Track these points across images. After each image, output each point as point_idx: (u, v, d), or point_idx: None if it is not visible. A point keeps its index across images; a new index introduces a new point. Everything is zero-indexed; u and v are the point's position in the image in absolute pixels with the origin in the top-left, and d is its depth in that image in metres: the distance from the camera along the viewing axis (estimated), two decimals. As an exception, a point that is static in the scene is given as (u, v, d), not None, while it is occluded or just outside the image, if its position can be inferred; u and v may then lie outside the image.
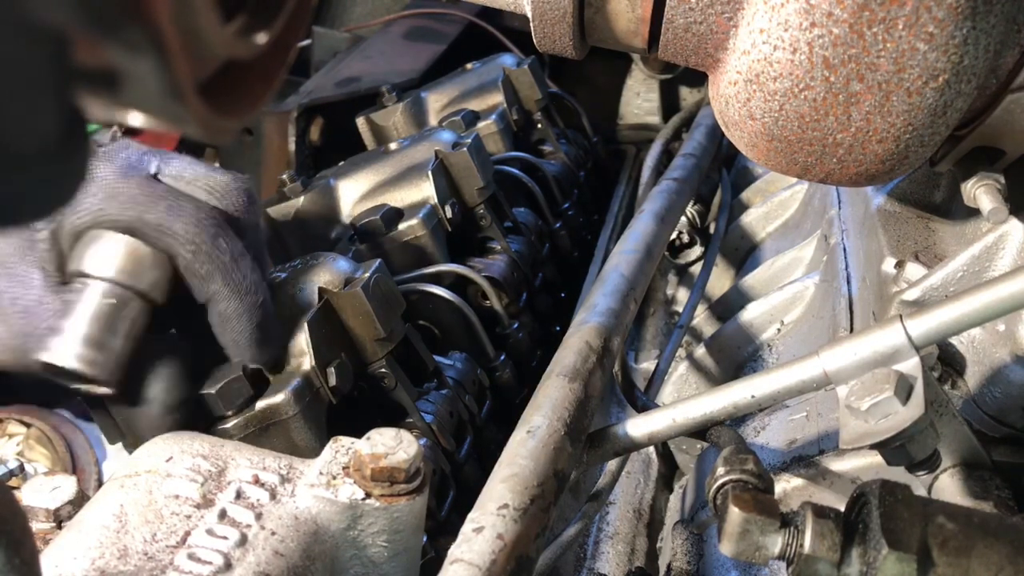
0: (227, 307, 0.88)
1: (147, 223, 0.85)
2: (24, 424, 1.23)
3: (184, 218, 0.86)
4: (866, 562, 0.62)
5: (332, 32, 2.18)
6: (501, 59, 1.71)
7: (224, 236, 0.88)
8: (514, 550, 0.68)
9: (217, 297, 0.88)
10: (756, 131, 0.80)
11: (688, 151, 1.59)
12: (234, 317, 0.89)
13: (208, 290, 0.88)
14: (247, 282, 0.89)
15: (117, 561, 0.65)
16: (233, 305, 0.88)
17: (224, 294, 0.88)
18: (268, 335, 0.92)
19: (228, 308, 0.89)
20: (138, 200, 0.85)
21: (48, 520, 0.79)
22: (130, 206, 0.85)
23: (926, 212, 1.09)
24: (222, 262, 0.87)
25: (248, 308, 0.89)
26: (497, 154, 1.54)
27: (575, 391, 0.87)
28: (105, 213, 0.85)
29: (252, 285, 0.89)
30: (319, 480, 0.72)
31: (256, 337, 0.90)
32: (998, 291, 0.74)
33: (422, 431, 1.05)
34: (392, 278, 1.07)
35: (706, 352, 1.36)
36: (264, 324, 0.91)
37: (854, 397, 0.76)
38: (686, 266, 1.75)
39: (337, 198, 1.36)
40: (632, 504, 1.31)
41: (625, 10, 0.81)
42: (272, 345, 0.93)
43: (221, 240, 0.87)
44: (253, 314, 0.89)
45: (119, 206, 0.85)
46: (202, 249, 0.86)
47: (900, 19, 0.69)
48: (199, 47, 0.37)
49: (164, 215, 0.85)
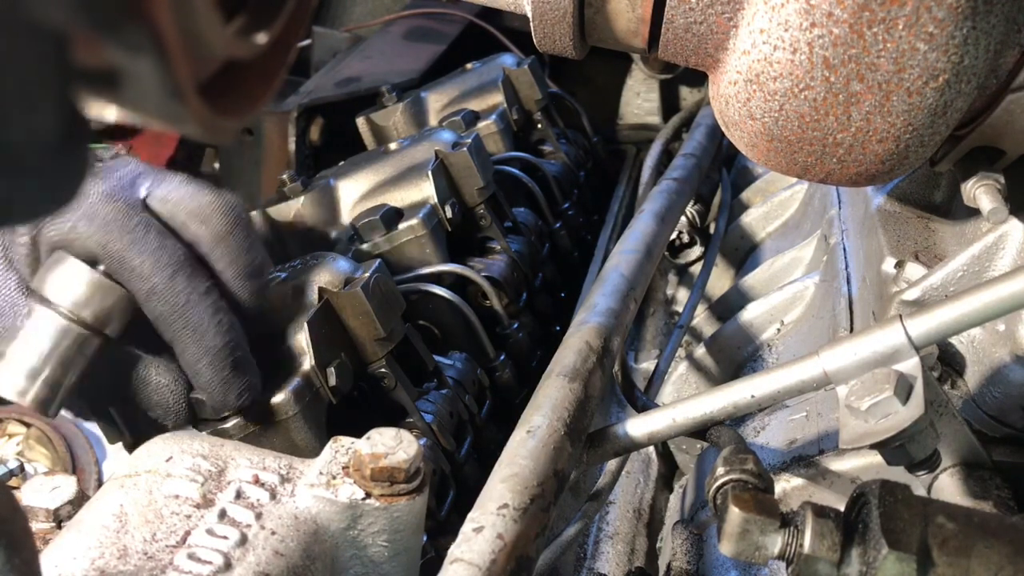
0: (185, 351, 0.85)
1: (109, 252, 0.82)
2: (24, 424, 1.23)
3: (144, 254, 0.82)
4: (866, 562, 0.62)
5: (332, 32, 2.18)
6: (501, 59, 1.71)
7: (182, 275, 0.84)
8: (514, 550, 0.68)
9: (175, 339, 0.85)
10: (756, 131, 0.80)
11: (688, 151, 1.59)
12: (193, 362, 0.85)
13: (167, 331, 0.85)
14: (204, 324, 0.84)
15: (117, 561, 0.65)
16: (191, 350, 0.85)
17: (181, 337, 0.84)
18: (236, 376, 0.87)
19: (187, 352, 0.85)
20: (109, 228, 0.82)
21: (48, 520, 0.79)
22: (99, 232, 0.82)
23: (926, 212, 1.09)
24: (176, 304, 0.83)
25: (207, 351, 0.85)
26: (497, 154, 1.54)
27: (575, 391, 0.87)
28: (75, 232, 0.82)
29: (213, 327, 0.85)
30: (319, 480, 0.72)
31: (221, 381, 0.86)
32: (998, 291, 0.74)
33: (422, 431, 1.05)
34: (392, 278, 1.07)
35: (706, 352, 1.36)
36: (230, 367, 0.86)
37: (854, 397, 0.76)
38: (686, 266, 1.75)
39: (337, 198, 1.36)
40: (632, 504, 1.31)
41: (625, 10, 0.81)
42: (243, 386, 0.88)
43: (178, 280, 0.83)
44: (215, 358, 0.85)
45: (90, 228, 0.82)
46: (156, 289, 0.83)
47: (900, 19, 0.69)
48: (199, 47, 0.37)
49: (127, 247, 0.82)
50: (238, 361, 0.87)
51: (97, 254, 0.83)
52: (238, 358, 0.87)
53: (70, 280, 0.81)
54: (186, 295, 0.84)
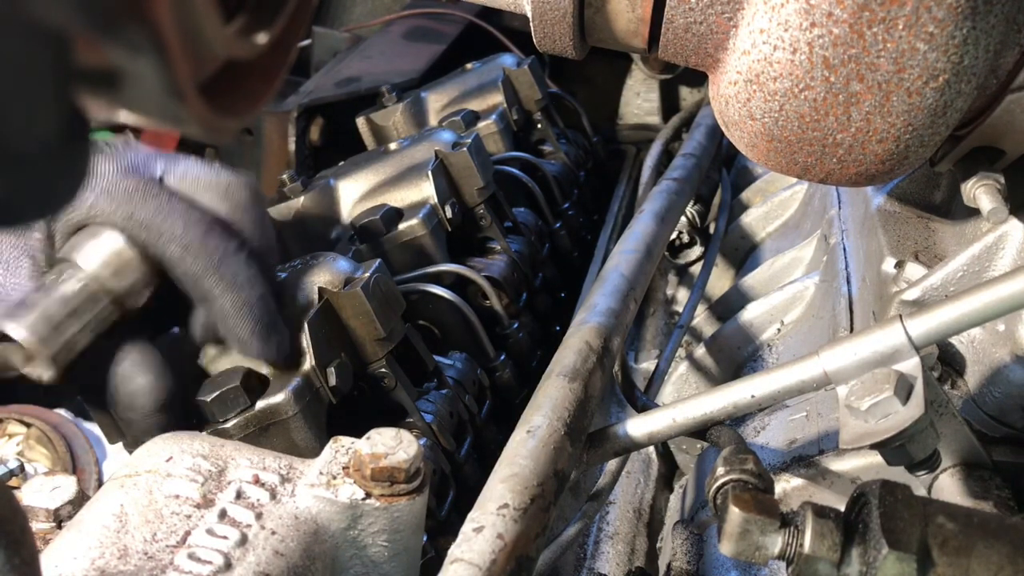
0: (223, 304, 0.88)
1: (137, 221, 0.85)
2: (24, 424, 1.23)
3: (173, 217, 0.86)
4: (866, 562, 0.62)
5: (332, 32, 2.18)
6: (501, 59, 1.71)
7: (214, 233, 0.88)
8: (514, 550, 0.68)
9: (211, 294, 0.88)
10: (756, 131, 0.80)
11: (688, 151, 1.59)
12: (231, 313, 0.89)
13: (201, 288, 0.88)
14: (240, 278, 0.88)
15: (117, 561, 0.65)
16: (228, 301, 0.88)
17: (218, 291, 0.88)
18: (271, 330, 0.91)
19: (224, 304, 0.88)
20: (132, 199, 0.86)
21: (48, 520, 0.79)
22: (122, 204, 0.85)
23: (926, 212, 1.09)
24: (212, 259, 0.87)
25: (245, 303, 0.88)
26: (497, 154, 1.54)
27: (575, 391, 0.87)
28: (97, 208, 0.85)
29: (247, 280, 0.89)
30: (319, 480, 0.72)
31: (259, 332, 0.90)
32: (998, 291, 0.74)
33: (422, 431, 1.05)
34: (392, 278, 1.07)
35: (706, 352, 1.36)
36: (266, 319, 0.90)
37: (854, 397, 0.76)
38: (686, 266, 1.75)
39: (337, 198, 1.36)
40: (632, 504, 1.31)
41: (625, 10, 0.81)
42: (277, 340, 0.92)
43: (211, 237, 0.87)
44: (252, 309, 0.89)
45: (112, 203, 0.85)
46: (191, 247, 0.86)
47: (900, 19, 0.69)
48: (199, 47, 0.37)
49: (153, 214, 0.86)
50: (273, 314, 0.91)
51: (123, 227, 0.86)
52: (272, 311, 0.91)
53: (99, 249, 0.86)
54: (221, 249, 0.87)
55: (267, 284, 0.92)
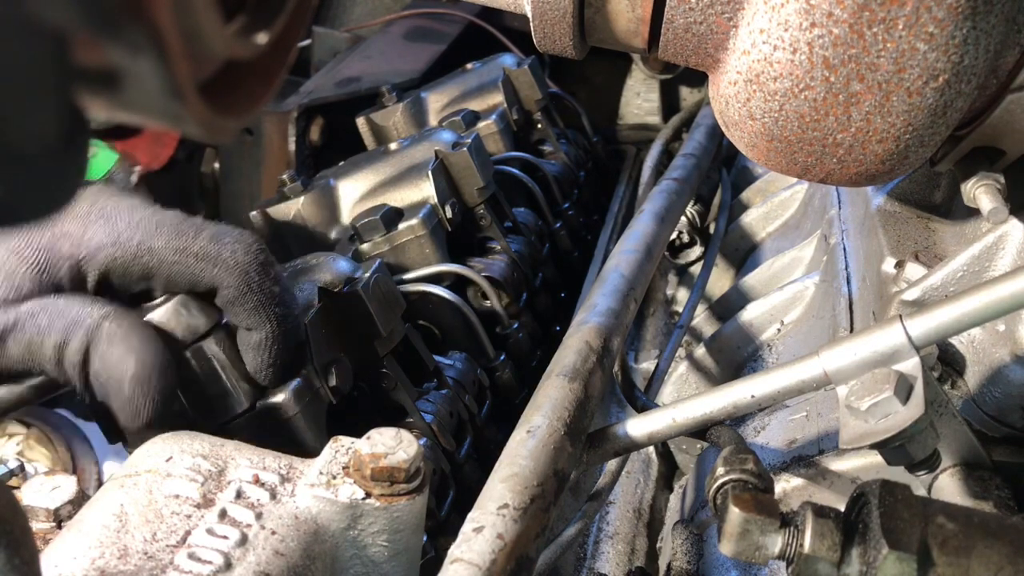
0: (263, 336, 0.86)
1: (192, 253, 0.82)
2: (24, 424, 1.23)
3: (231, 245, 0.83)
4: (866, 562, 0.62)
5: (332, 32, 2.18)
6: (501, 59, 1.71)
7: (272, 265, 0.86)
8: (514, 550, 0.68)
9: (258, 326, 0.86)
10: (756, 131, 0.80)
11: (688, 151, 1.59)
12: (266, 347, 0.87)
13: (250, 319, 0.85)
14: (286, 311, 0.87)
15: (117, 561, 0.65)
16: (269, 334, 0.86)
17: (268, 326, 0.86)
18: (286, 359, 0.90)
19: (265, 337, 0.86)
20: (182, 230, 0.82)
21: (48, 520, 0.79)
22: (174, 237, 0.82)
23: (926, 212, 1.09)
24: (273, 293, 0.85)
25: (282, 336, 0.87)
26: (497, 154, 1.54)
27: (575, 391, 0.87)
28: (145, 246, 0.82)
29: (290, 315, 0.87)
30: (319, 480, 0.72)
31: (279, 363, 0.88)
32: (998, 291, 0.74)
33: (422, 431, 1.05)
34: (392, 278, 1.07)
35: (706, 352, 1.36)
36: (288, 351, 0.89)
37: (854, 397, 0.76)
38: (686, 266, 1.75)
39: (337, 198, 1.36)
40: (632, 504, 1.31)
41: (625, 10, 0.81)
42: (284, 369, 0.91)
43: (271, 269, 0.85)
44: (285, 342, 0.87)
45: (163, 239, 0.82)
46: (254, 280, 0.84)
47: (900, 19, 0.69)
48: (199, 47, 0.37)
49: (209, 243, 0.82)
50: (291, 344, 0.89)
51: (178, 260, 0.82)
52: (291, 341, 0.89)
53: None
54: (281, 283, 0.86)
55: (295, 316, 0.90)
